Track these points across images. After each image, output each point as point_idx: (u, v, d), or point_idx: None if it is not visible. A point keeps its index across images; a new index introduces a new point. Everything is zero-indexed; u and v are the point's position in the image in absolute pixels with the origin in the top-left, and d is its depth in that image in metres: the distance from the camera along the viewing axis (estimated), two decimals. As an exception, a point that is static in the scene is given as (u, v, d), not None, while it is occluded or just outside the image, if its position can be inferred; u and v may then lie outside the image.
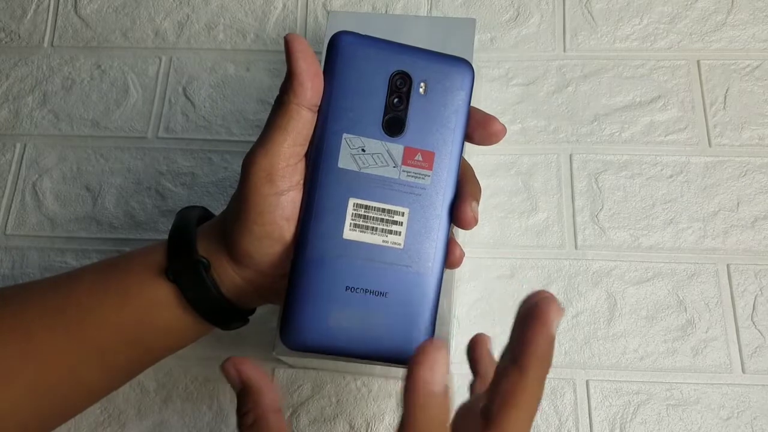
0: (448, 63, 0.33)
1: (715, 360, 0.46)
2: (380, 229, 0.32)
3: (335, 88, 0.31)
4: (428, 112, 0.32)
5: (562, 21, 0.56)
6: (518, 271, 0.49)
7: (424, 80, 0.32)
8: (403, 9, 0.57)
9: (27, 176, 0.53)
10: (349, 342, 0.31)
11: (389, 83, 0.32)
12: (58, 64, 0.57)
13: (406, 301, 0.31)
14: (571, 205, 0.50)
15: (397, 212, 0.32)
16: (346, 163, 0.31)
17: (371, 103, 0.32)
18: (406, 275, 0.32)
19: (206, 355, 0.47)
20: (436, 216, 0.32)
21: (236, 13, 0.58)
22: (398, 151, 0.32)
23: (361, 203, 0.31)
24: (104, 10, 0.58)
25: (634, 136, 0.52)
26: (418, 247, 0.32)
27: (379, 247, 0.31)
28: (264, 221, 0.31)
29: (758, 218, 0.49)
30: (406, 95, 0.32)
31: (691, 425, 0.44)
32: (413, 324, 0.31)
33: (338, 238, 0.31)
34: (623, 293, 0.48)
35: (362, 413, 0.45)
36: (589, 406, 0.45)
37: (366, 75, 0.32)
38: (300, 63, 0.30)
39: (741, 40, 0.54)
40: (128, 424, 0.45)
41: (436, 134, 0.32)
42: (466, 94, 0.33)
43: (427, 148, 0.32)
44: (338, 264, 0.31)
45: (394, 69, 0.32)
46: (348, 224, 0.31)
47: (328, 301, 0.31)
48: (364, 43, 0.32)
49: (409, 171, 0.32)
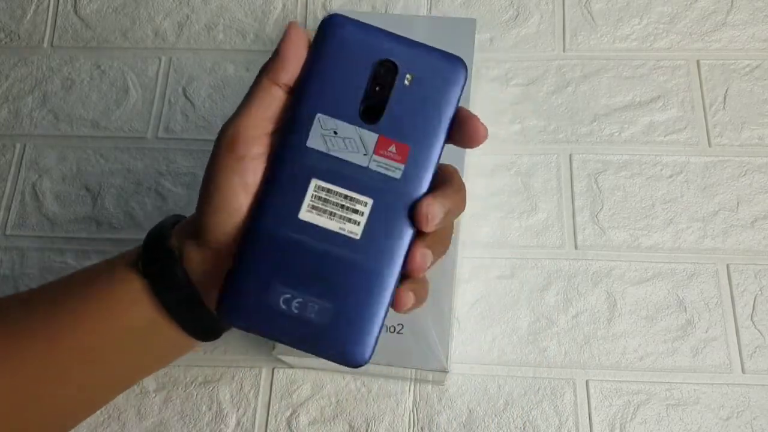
0: (440, 58, 0.32)
1: (715, 360, 0.46)
2: (339, 215, 0.30)
3: (316, 66, 0.31)
4: (410, 105, 0.31)
5: (562, 21, 0.56)
6: (518, 271, 0.49)
7: (411, 72, 0.31)
8: (403, 9, 0.57)
9: (27, 176, 0.53)
10: (287, 330, 0.30)
11: (373, 70, 0.31)
12: (57, 64, 0.57)
13: (352, 295, 0.30)
14: (571, 205, 0.50)
15: (359, 201, 0.30)
16: (315, 143, 0.30)
17: (352, 86, 0.31)
18: (356, 268, 0.30)
19: (206, 355, 0.47)
20: (401, 213, 0.30)
21: (236, 13, 0.58)
22: (372, 139, 0.31)
23: (323, 186, 0.30)
24: (104, 10, 0.58)
25: (633, 136, 0.52)
26: (375, 241, 0.30)
27: (333, 234, 0.30)
28: (221, 188, 0.30)
29: (758, 218, 0.49)
30: (390, 84, 0.31)
31: (690, 425, 0.44)
32: (355, 323, 0.30)
33: (293, 216, 0.30)
34: (623, 293, 0.48)
35: (362, 413, 0.45)
36: (589, 406, 0.45)
37: (351, 58, 0.31)
38: (286, 44, 0.31)
39: (740, 40, 0.55)
40: (128, 424, 0.45)
41: (414, 128, 0.31)
42: (455, 92, 0.31)
43: (403, 141, 0.31)
44: (288, 243, 0.30)
45: (381, 56, 0.31)
46: (306, 205, 0.30)
47: (272, 280, 0.30)
48: (355, 27, 0.31)
49: (380, 161, 0.31)
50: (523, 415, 0.45)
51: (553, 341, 0.47)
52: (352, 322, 0.30)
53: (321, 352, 0.30)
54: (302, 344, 0.30)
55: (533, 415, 0.45)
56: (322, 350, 0.30)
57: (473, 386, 0.45)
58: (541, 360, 0.46)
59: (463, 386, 0.46)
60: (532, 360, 0.46)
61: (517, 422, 0.45)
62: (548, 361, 0.46)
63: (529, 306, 0.48)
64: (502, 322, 0.47)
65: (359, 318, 0.30)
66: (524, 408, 0.45)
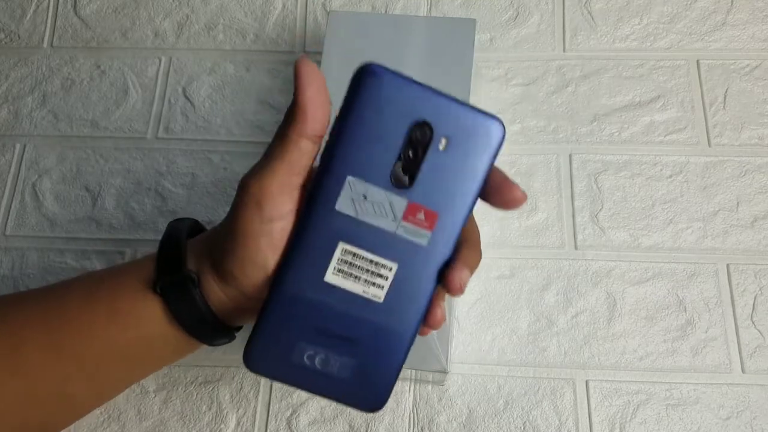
0: (477, 119, 0.30)
1: (715, 360, 0.46)
2: (363, 279, 0.31)
3: (350, 124, 0.30)
4: (443, 170, 0.30)
5: (562, 21, 0.56)
6: (518, 271, 0.49)
7: (446, 135, 0.30)
8: (402, 8, 0.57)
9: (27, 177, 0.53)
10: (309, 381, 0.31)
11: (408, 133, 0.30)
12: (57, 64, 0.57)
13: (373, 354, 0.31)
14: (571, 205, 0.50)
15: (384, 266, 0.31)
16: (344, 207, 0.30)
17: (384, 149, 0.30)
18: (378, 329, 0.31)
19: (206, 356, 0.47)
20: (424, 278, 0.31)
21: (236, 13, 0.58)
22: (401, 204, 0.30)
23: (350, 250, 0.30)
24: (104, 10, 0.58)
25: (633, 136, 0.52)
26: (397, 305, 0.31)
27: (358, 297, 0.31)
28: (249, 246, 0.30)
29: (758, 218, 0.49)
30: (424, 148, 0.30)
31: (690, 425, 0.44)
32: (375, 378, 0.31)
33: (319, 279, 0.30)
34: (623, 293, 0.48)
35: (362, 413, 0.45)
36: (588, 406, 0.45)
37: (386, 118, 0.29)
38: (306, 91, 0.29)
39: (740, 40, 0.55)
40: (128, 424, 0.45)
41: (445, 195, 0.30)
42: (489, 157, 0.30)
43: (432, 208, 0.30)
44: (314, 303, 0.31)
45: (417, 118, 0.29)
46: (332, 268, 0.30)
47: (296, 337, 0.31)
48: (392, 81, 0.29)
49: (408, 228, 0.31)
50: (523, 415, 0.45)
51: (553, 341, 0.47)
52: (372, 376, 0.31)
53: (341, 401, 0.32)
54: (324, 393, 0.31)
55: (533, 415, 0.45)
56: (343, 399, 0.31)
57: (473, 386, 0.46)
58: (540, 360, 0.46)
59: (462, 386, 0.46)
60: (532, 360, 0.46)
61: (517, 422, 0.45)
62: (548, 361, 0.46)
63: (529, 306, 0.48)
64: (502, 322, 0.47)
65: (379, 372, 0.31)
66: (524, 408, 0.45)
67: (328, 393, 0.31)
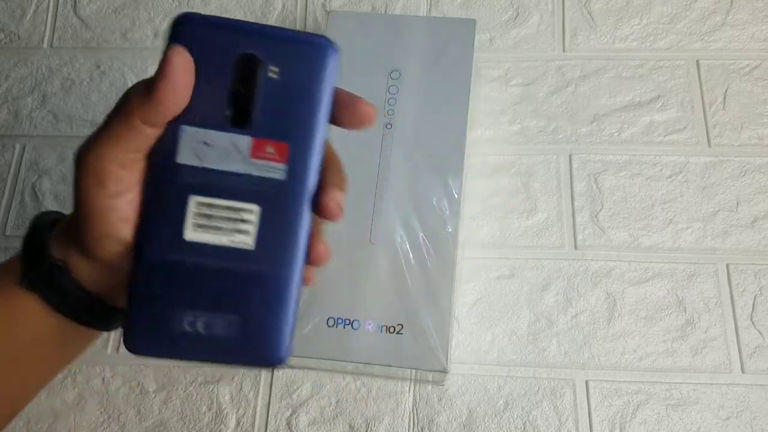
0: (303, 41, 0.29)
1: (715, 360, 0.46)
2: (226, 229, 0.29)
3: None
4: (281, 99, 0.29)
5: (562, 21, 0.56)
6: (518, 271, 0.49)
7: (275, 63, 0.29)
8: (402, 8, 0.57)
9: (26, 177, 0.53)
10: (198, 350, 0.29)
11: (234, 68, 0.28)
12: (57, 64, 0.57)
13: (257, 304, 0.29)
14: (571, 205, 0.50)
15: (245, 210, 0.29)
16: (187, 159, 0.28)
17: (214, 91, 0.28)
18: (256, 278, 0.29)
19: (206, 355, 0.47)
20: (292, 212, 0.29)
21: (235, 13, 0.58)
22: (246, 143, 0.29)
23: (204, 201, 0.29)
24: (103, 10, 0.58)
25: (633, 136, 0.52)
26: (271, 247, 0.29)
27: (226, 248, 0.29)
28: (100, 222, 0.29)
29: (758, 218, 0.49)
30: (255, 81, 0.29)
31: (690, 425, 0.44)
32: (265, 330, 0.29)
33: (179, 239, 0.29)
34: (623, 293, 0.48)
35: (362, 413, 0.45)
36: (588, 406, 0.45)
37: (207, 60, 0.28)
38: (171, 80, 0.27)
39: (740, 40, 0.55)
40: (128, 424, 0.45)
41: (290, 124, 0.29)
42: (325, 76, 0.29)
43: (280, 140, 0.29)
44: (180, 265, 0.29)
45: (240, 52, 0.28)
46: (189, 224, 0.29)
47: (170, 306, 0.29)
48: (206, 25, 0.28)
49: (259, 165, 0.29)
50: (523, 415, 0.45)
51: (553, 341, 0.47)
52: (262, 329, 0.29)
53: (237, 362, 0.30)
54: (217, 359, 0.30)
55: (533, 415, 0.45)
56: (238, 360, 0.30)
57: (473, 386, 0.46)
58: (540, 360, 0.46)
59: (462, 386, 0.46)
60: (532, 360, 0.46)
61: (517, 422, 0.45)
62: (548, 361, 0.46)
63: (529, 306, 0.48)
64: (502, 322, 0.47)
65: (268, 323, 0.29)
66: (524, 408, 0.45)
67: (221, 358, 0.29)
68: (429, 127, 0.46)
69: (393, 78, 0.47)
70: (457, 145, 0.45)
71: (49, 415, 0.45)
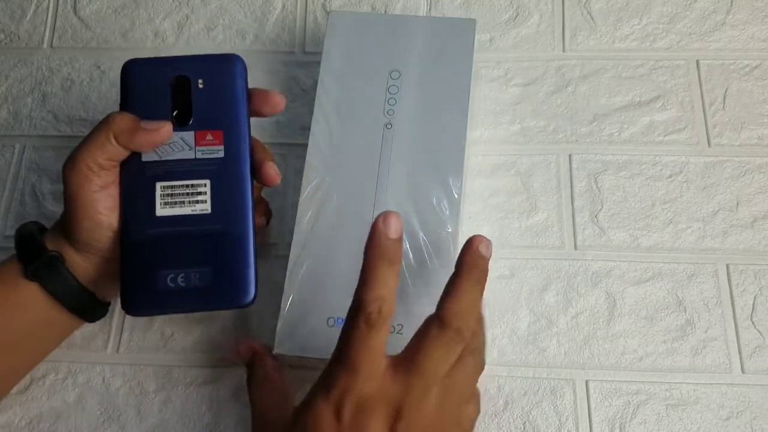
0: (219, 60, 0.40)
1: (715, 360, 0.46)
2: (188, 201, 0.38)
3: (130, 102, 0.39)
4: (210, 101, 0.39)
5: (562, 21, 0.56)
6: (518, 272, 0.49)
7: (201, 78, 0.39)
8: (402, 8, 0.57)
9: (26, 177, 0.53)
10: (181, 302, 0.37)
11: (172, 87, 0.39)
12: (57, 65, 0.57)
13: (223, 255, 0.37)
14: (571, 205, 0.50)
15: (198, 185, 0.38)
16: (149, 156, 0.38)
17: (161, 105, 0.39)
18: (217, 234, 0.37)
19: (206, 356, 0.47)
20: (234, 179, 0.38)
21: (235, 13, 0.58)
22: (190, 136, 0.38)
23: (167, 185, 0.38)
24: (103, 11, 0.58)
25: (633, 136, 0.52)
26: (224, 208, 0.38)
27: (189, 216, 0.37)
28: (90, 214, 0.37)
29: (757, 218, 0.49)
30: (188, 92, 0.39)
31: (690, 425, 0.44)
32: (234, 275, 0.37)
33: (152, 216, 0.37)
34: (623, 293, 0.48)
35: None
36: (588, 406, 0.45)
37: (152, 85, 0.39)
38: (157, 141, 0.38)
39: (740, 40, 0.55)
40: (128, 425, 0.45)
41: (220, 117, 0.39)
42: (240, 80, 0.39)
43: (215, 128, 0.38)
44: (156, 236, 0.37)
45: (174, 75, 0.39)
46: (158, 203, 0.37)
47: (154, 269, 0.36)
48: (146, 63, 0.40)
49: (204, 150, 0.38)
50: (523, 415, 0.45)
51: (553, 341, 0.47)
52: (231, 274, 0.37)
53: (216, 307, 0.39)
54: (199, 307, 0.38)
55: (533, 415, 0.45)
56: (216, 305, 0.38)
57: (473, 386, 0.45)
58: (540, 360, 0.46)
59: (462, 386, 0.45)
60: (532, 360, 0.46)
61: (517, 422, 0.45)
62: (548, 361, 0.46)
63: (529, 306, 0.48)
64: (502, 322, 0.47)
65: (235, 270, 0.37)
66: (524, 408, 0.45)
67: (202, 305, 0.37)
68: (429, 127, 0.46)
69: (393, 78, 0.47)
70: (457, 145, 0.45)
71: (50, 415, 0.45)
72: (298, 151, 0.51)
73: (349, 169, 0.45)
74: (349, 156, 0.45)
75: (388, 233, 0.32)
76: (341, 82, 0.47)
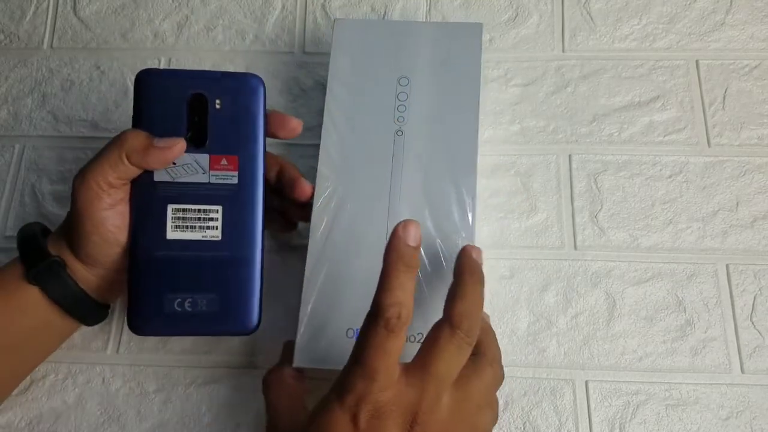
0: (238, 80, 0.39)
1: (714, 360, 0.46)
2: (198, 227, 0.37)
3: (144, 117, 0.38)
4: (226, 123, 0.38)
5: (561, 21, 0.56)
6: (518, 272, 0.49)
7: (218, 98, 0.38)
8: (402, 10, 0.57)
9: (26, 177, 0.53)
10: (187, 325, 0.37)
11: (188, 105, 0.38)
12: (57, 65, 0.57)
13: (230, 282, 0.37)
14: (571, 205, 0.50)
15: (211, 210, 0.37)
16: (161, 176, 0.37)
17: (176, 123, 0.37)
18: (226, 261, 0.37)
19: (206, 357, 0.47)
20: (246, 207, 0.38)
21: (235, 14, 0.58)
22: (205, 159, 0.38)
23: (179, 207, 0.37)
24: (103, 11, 0.58)
25: (633, 136, 0.52)
26: (234, 236, 0.37)
27: (200, 242, 0.37)
28: (99, 231, 0.37)
29: (757, 218, 0.49)
30: (205, 112, 0.38)
31: (690, 425, 0.44)
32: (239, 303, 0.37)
33: (163, 238, 0.37)
34: (622, 293, 0.48)
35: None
36: (588, 406, 0.45)
37: (168, 101, 0.38)
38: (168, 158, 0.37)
39: (740, 40, 0.55)
40: (128, 425, 0.45)
41: (236, 140, 0.38)
42: (258, 103, 0.38)
43: (230, 153, 0.38)
44: (165, 259, 0.37)
45: (191, 92, 0.38)
46: (170, 226, 0.37)
47: (162, 292, 0.36)
48: (162, 76, 0.38)
49: (218, 174, 0.37)
50: (523, 415, 0.45)
51: (553, 341, 0.47)
52: (237, 302, 0.37)
53: (219, 332, 0.39)
54: (204, 332, 0.38)
55: (533, 415, 0.45)
56: (220, 331, 0.38)
57: (473, 387, 0.45)
58: (540, 360, 0.46)
59: (462, 387, 0.45)
60: (532, 360, 0.46)
61: (517, 422, 0.45)
62: (548, 361, 0.46)
63: (529, 306, 0.48)
64: (502, 322, 0.47)
65: (241, 297, 0.37)
66: (524, 408, 0.45)
67: (207, 330, 0.37)
68: (440, 134, 0.45)
69: (402, 85, 0.46)
70: (469, 152, 0.44)
71: (50, 416, 0.45)
72: (298, 152, 0.51)
73: (361, 178, 0.44)
74: (361, 164, 0.44)
75: (408, 240, 0.33)
76: (350, 91, 0.46)
